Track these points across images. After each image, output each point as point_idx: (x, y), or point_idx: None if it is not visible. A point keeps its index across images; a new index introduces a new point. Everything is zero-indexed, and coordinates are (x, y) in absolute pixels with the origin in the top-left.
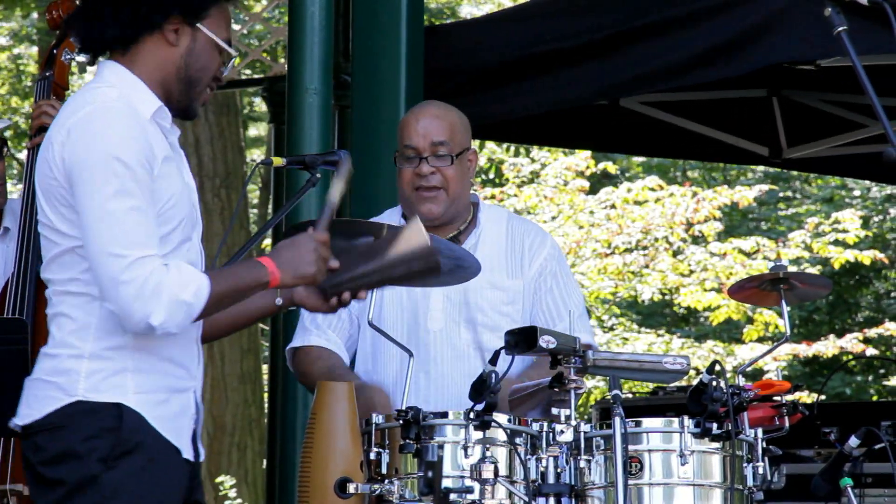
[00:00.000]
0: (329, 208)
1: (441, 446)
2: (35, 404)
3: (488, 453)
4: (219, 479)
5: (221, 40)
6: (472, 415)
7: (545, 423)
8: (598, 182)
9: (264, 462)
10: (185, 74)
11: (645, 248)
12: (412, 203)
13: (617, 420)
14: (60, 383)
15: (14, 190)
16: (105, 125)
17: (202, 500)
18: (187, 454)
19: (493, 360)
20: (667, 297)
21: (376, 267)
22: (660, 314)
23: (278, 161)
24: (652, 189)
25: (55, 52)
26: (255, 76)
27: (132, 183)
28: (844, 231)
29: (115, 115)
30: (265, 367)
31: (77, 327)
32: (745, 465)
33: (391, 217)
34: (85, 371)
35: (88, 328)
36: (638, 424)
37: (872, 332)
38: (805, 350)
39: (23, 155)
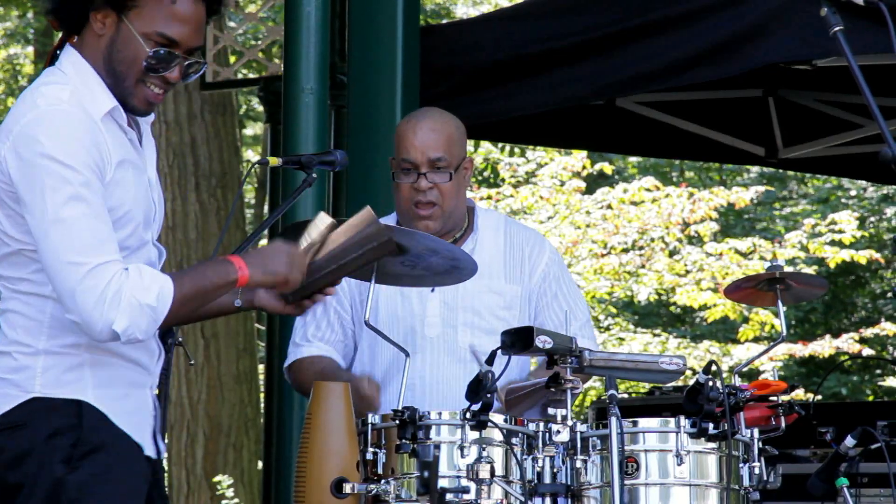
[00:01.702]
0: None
1: (437, 446)
2: None
3: (484, 453)
4: (216, 479)
5: (155, 36)
6: (468, 415)
7: (541, 423)
8: (594, 182)
9: (260, 462)
10: (110, 67)
11: (641, 248)
12: (409, 218)
13: (613, 420)
14: (16, 381)
15: None
16: (52, 131)
17: (164, 495)
18: (149, 451)
19: (490, 361)
20: (663, 298)
21: (330, 255)
22: (656, 314)
23: (274, 161)
24: (648, 189)
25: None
26: (252, 76)
27: (83, 188)
28: (840, 232)
29: (61, 118)
30: (261, 368)
31: (29, 325)
32: (741, 465)
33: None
34: (41, 367)
35: (41, 325)
36: (634, 424)
37: (868, 332)
38: (801, 350)
39: None
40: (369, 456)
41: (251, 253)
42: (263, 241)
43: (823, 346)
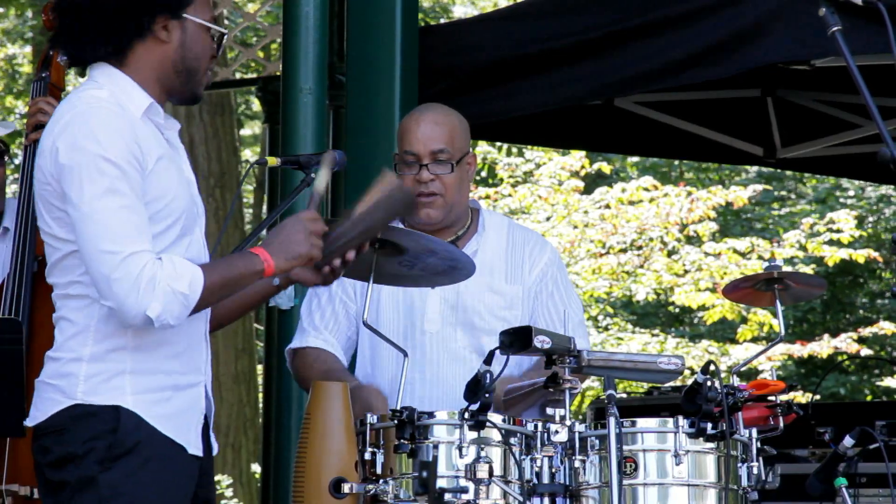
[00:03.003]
0: (316, 195)
1: (436, 446)
2: (41, 406)
3: (483, 453)
4: (215, 479)
5: (209, 22)
6: (466, 415)
7: (540, 423)
8: (592, 182)
9: (256, 464)
10: (183, 66)
11: (639, 247)
12: None
13: (612, 420)
14: (61, 386)
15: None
16: (90, 125)
17: (210, 497)
18: (194, 450)
19: (488, 361)
20: (661, 297)
21: (356, 218)
22: (654, 314)
23: (273, 161)
24: (646, 189)
25: (51, 53)
26: (250, 76)
27: (120, 181)
28: (839, 231)
29: (100, 114)
30: (260, 368)
31: (76, 331)
32: (739, 465)
33: None
34: (84, 374)
35: (87, 332)
36: (633, 424)
37: (867, 332)
38: (799, 350)
39: (19, 155)
40: (368, 456)
41: (270, 242)
42: None
43: (822, 346)
